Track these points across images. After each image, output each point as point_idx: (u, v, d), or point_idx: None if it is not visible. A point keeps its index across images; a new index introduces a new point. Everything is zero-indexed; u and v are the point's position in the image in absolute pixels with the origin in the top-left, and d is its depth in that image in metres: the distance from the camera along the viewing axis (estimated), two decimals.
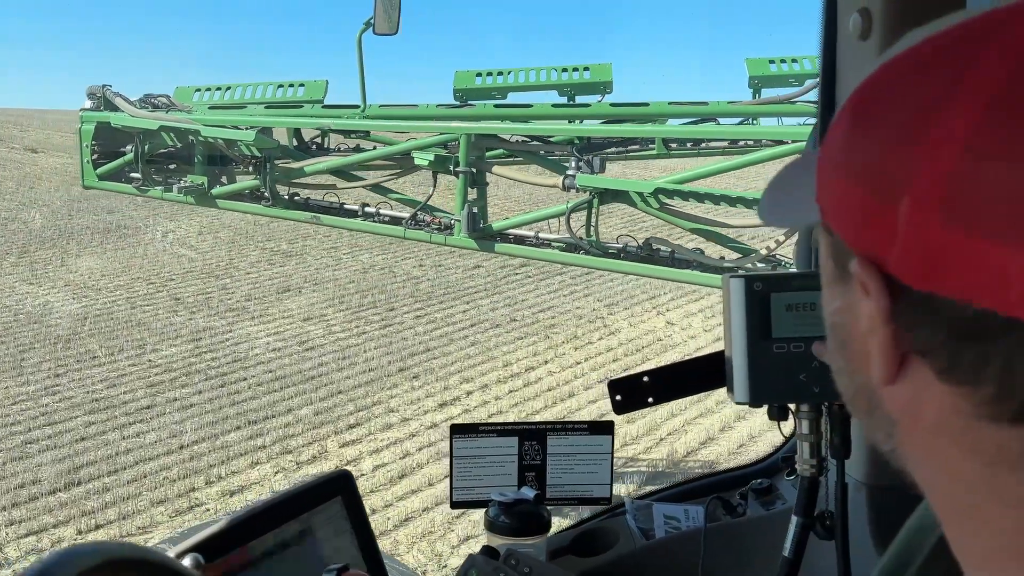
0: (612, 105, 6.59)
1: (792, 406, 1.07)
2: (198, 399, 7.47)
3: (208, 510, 5.76)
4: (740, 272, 1.46)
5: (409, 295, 10.57)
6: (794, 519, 1.07)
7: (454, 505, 1.36)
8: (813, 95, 5.78)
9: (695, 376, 1.16)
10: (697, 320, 9.50)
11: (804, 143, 5.43)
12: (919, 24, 1.16)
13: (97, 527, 5.52)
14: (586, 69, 6.91)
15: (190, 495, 6.00)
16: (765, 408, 1.07)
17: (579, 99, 6.79)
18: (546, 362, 8.31)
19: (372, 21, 4.98)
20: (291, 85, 7.02)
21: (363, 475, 6.09)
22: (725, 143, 6.33)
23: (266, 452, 6.59)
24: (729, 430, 6.74)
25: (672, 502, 1.37)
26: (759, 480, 1.37)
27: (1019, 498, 0.42)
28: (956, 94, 0.40)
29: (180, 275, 11.53)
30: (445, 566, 5.09)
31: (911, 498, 1.29)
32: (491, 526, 1.25)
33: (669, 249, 5.74)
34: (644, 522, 1.34)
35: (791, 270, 1.30)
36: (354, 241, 13.20)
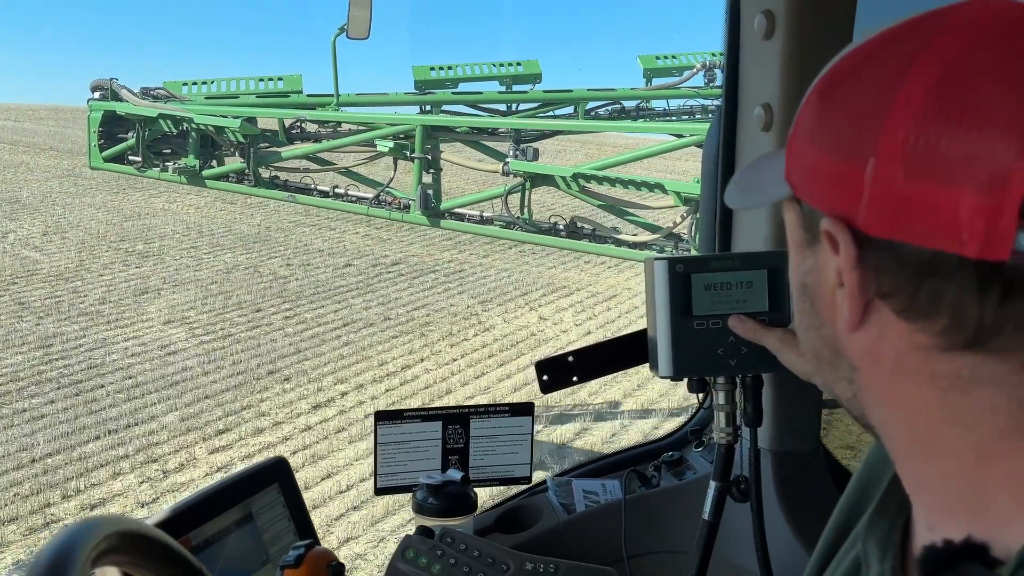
0: (544, 92, 8.36)
1: (710, 379, 1.13)
2: (50, 409, 6.99)
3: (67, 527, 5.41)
4: (662, 255, 1.54)
5: (277, 295, 10.26)
6: (712, 484, 1.14)
7: (379, 492, 1.36)
8: (691, 82, 7.96)
9: (618, 354, 1.21)
10: (568, 315, 9.72)
11: (695, 137, 6.40)
12: (819, 25, 1.26)
13: None
14: (519, 64, 8.61)
15: (45, 511, 5.61)
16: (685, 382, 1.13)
17: (515, 88, 8.43)
18: (422, 360, 8.28)
19: (346, 27, 5.55)
20: (270, 79, 8.35)
21: None
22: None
23: (129, 462, 6.25)
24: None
25: (590, 477, 1.43)
26: (670, 452, 1.44)
27: (971, 421, 0.48)
28: (912, 68, 0.47)
29: (24, 278, 10.70)
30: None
31: (808, 462, 1.40)
32: (419, 508, 1.27)
33: (591, 227, 6.65)
34: (565, 498, 1.39)
35: (707, 253, 1.38)
36: (215, 241, 12.68)
